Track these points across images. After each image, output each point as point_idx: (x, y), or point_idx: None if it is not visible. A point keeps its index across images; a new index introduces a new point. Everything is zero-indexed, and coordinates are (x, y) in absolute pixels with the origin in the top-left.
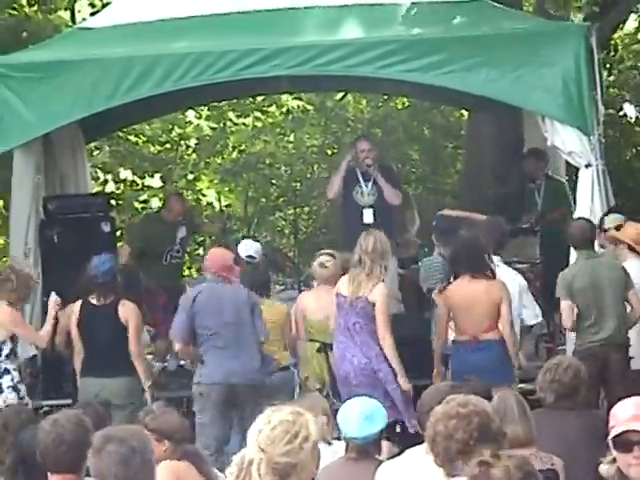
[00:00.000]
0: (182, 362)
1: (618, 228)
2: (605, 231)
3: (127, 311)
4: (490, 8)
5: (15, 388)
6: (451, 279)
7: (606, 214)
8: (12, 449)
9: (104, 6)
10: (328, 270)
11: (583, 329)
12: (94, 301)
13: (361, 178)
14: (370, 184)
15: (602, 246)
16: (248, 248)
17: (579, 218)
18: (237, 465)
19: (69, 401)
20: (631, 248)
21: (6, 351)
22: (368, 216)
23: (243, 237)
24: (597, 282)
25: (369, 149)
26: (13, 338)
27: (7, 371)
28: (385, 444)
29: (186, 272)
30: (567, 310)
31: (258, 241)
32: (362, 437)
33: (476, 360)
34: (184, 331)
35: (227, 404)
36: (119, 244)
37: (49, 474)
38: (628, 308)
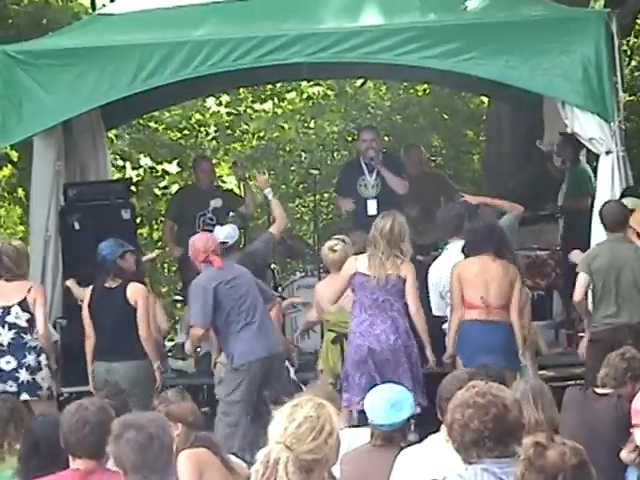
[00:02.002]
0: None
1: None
2: None
3: (135, 293)
4: None
5: (49, 367)
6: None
7: (621, 197)
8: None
9: None
10: (337, 254)
11: (599, 311)
12: (103, 284)
13: (365, 169)
14: (374, 175)
15: None
16: (219, 235)
17: (610, 201)
18: (262, 463)
19: (88, 388)
20: (639, 234)
21: (35, 328)
22: (372, 207)
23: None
24: (617, 264)
25: (372, 139)
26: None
27: (42, 349)
28: None
29: None
30: (580, 282)
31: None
32: (388, 424)
33: (488, 340)
34: (209, 316)
35: (262, 378)
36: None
37: (71, 459)
38: None
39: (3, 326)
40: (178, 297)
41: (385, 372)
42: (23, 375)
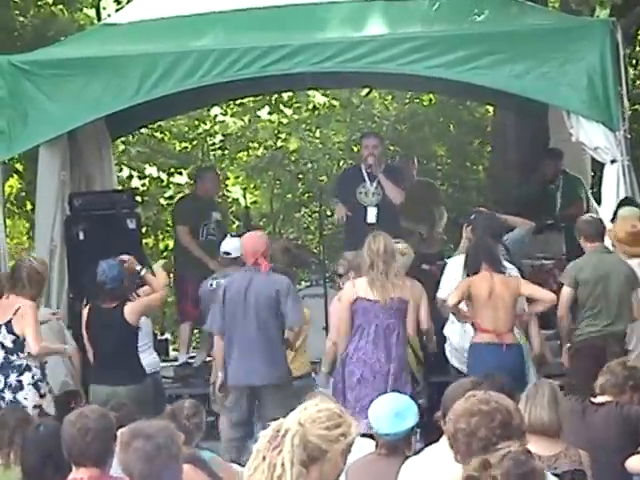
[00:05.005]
0: (208, 358)
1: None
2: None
3: (133, 310)
4: (515, 4)
5: (36, 385)
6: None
7: (619, 206)
8: (26, 447)
9: (129, 1)
10: (406, 257)
11: (585, 319)
12: (100, 305)
13: (366, 177)
14: (375, 183)
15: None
16: (225, 245)
17: (586, 215)
18: (273, 430)
19: None
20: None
21: (28, 348)
22: (372, 215)
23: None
24: (604, 275)
25: (374, 145)
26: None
27: (29, 368)
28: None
29: None
30: (564, 297)
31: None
32: (393, 433)
33: (500, 364)
34: (221, 322)
35: (249, 406)
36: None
37: (74, 467)
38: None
39: None
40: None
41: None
42: (7, 395)
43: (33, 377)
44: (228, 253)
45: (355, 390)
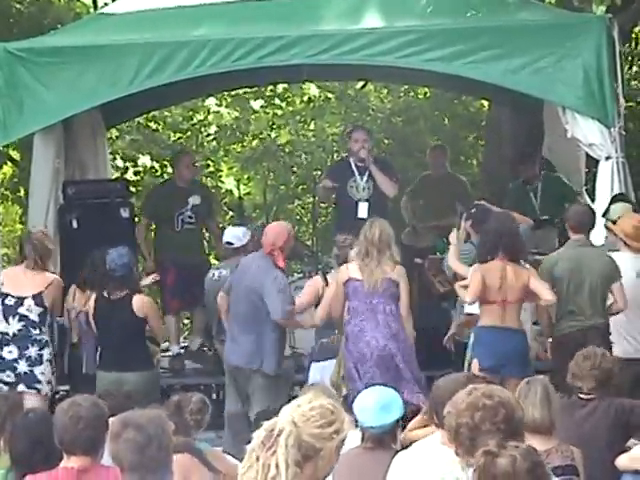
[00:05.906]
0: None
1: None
2: (609, 221)
3: (143, 305)
4: None
5: (51, 362)
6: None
7: (612, 202)
8: (17, 433)
9: None
10: None
11: (563, 315)
12: (108, 295)
13: (357, 171)
14: (366, 177)
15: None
16: (227, 235)
17: (578, 203)
18: (266, 430)
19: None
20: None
21: (48, 322)
22: (363, 210)
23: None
24: (580, 269)
25: (364, 139)
26: (51, 310)
27: (47, 344)
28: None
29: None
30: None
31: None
32: (378, 426)
33: (505, 348)
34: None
35: (238, 387)
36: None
37: (65, 456)
38: (610, 299)
39: (14, 316)
40: None
41: (375, 377)
42: (21, 366)
43: (50, 353)
44: (230, 243)
45: (357, 371)
